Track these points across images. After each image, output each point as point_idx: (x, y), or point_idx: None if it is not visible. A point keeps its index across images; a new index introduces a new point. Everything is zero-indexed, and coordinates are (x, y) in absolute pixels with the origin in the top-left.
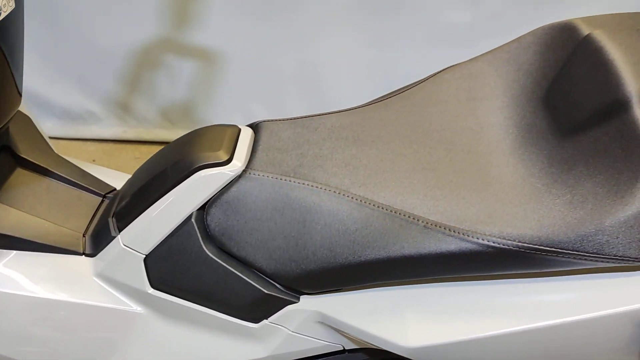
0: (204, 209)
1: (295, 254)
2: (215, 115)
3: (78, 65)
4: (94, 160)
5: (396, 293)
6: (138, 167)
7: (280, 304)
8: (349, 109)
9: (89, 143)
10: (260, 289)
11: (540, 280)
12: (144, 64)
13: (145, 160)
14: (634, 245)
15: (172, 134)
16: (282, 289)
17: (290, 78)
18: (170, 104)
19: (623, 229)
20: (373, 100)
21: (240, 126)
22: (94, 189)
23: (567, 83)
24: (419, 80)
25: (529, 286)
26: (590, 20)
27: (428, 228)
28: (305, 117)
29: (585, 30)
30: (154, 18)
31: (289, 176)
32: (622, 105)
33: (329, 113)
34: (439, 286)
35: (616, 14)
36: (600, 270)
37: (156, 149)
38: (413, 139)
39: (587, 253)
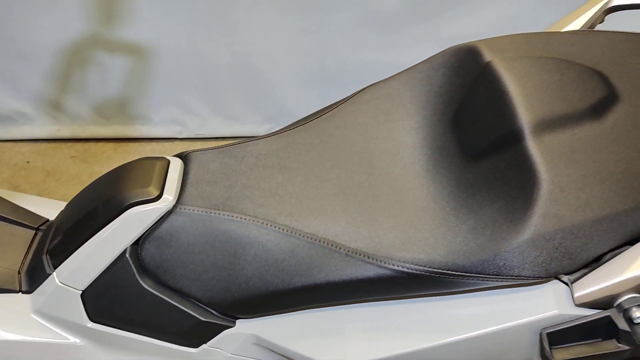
0: (137, 243)
1: (229, 284)
2: (150, 108)
3: (3, 65)
4: (28, 162)
5: (325, 314)
6: (74, 167)
7: (217, 329)
8: (275, 133)
9: (22, 144)
10: (197, 317)
11: (455, 297)
12: (73, 61)
13: (80, 191)
14: (527, 266)
15: (108, 130)
16: (218, 315)
17: (224, 69)
18: (104, 100)
19: (517, 253)
20: (299, 122)
21: (169, 157)
22: (26, 223)
23: (471, 109)
24: (341, 100)
25: (448, 303)
26: (492, 44)
27: (349, 256)
28: (233, 144)
29: (486, 55)
30: (80, 14)
31: (218, 209)
32: (515, 136)
33: (255, 139)
34: (366, 306)
35: (516, 36)
36: (506, 286)
37: (93, 146)
38: (336, 163)
39: (488, 275)
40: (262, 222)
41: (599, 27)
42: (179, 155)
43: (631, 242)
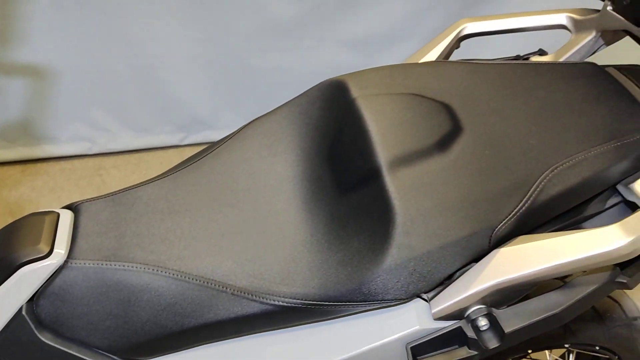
0: (32, 300)
1: (125, 331)
2: (56, 127)
3: None
4: None
5: (218, 348)
6: None
7: None
8: (164, 175)
9: None
10: None
11: (331, 322)
12: None
13: None
14: (389, 291)
15: (14, 153)
16: (119, 359)
17: (129, 82)
18: (6, 123)
19: (379, 281)
20: (187, 160)
21: (58, 210)
22: None
23: (341, 144)
24: (227, 136)
25: (326, 328)
26: (359, 80)
27: (235, 295)
28: (123, 191)
29: (353, 92)
30: None
31: (109, 260)
32: (375, 173)
33: (144, 183)
34: (255, 337)
35: (380, 69)
36: (375, 309)
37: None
38: (223, 202)
39: (357, 302)
40: (153, 269)
41: (455, 53)
42: (69, 207)
43: (476, 260)
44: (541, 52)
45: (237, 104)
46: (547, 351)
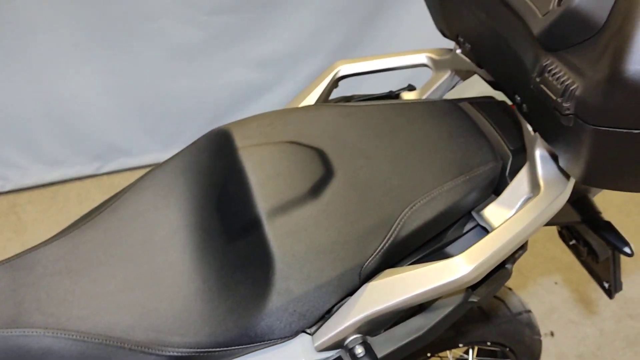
0: None
1: None
2: None
3: None
4: None
5: None
6: None
7: None
8: (62, 234)
9: None
10: None
11: None
12: None
13: None
14: (274, 332)
15: None
16: None
17: (41, 118)
18: None
19: (263, 324)
20: (85, 216)
21: None
22: None
23: (227, 193)
24: (124, 189)
25: None
26: (242, 129)
27: (133, 350)
28: (21, 255)
29: (236, 142)
30: None
31: (10, 327)
32: (255, 223)
33: (43, 245)
34: None
35: (262, 117)
36: (264, 347)
37: None
38: (120, 257)
39: (247, 345)
40: (53, 332)
41: (335, 92)
42: None
43: (350, 294)
44: (410, 88)
45: (152, 128)
46: (447, 352)
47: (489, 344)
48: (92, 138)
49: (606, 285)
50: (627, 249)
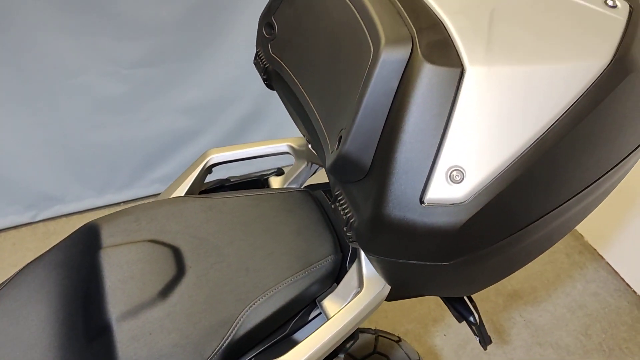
0: None
1: None
2: None
3: None
4: None
5: None
6: None
7: None
8: None
9: None
10: None
11: None
12: None
13: None
14: None
15: None
16: None
17: None
18: None
19: None
20: None
21: None
22: None
23: (90, 293)
24: (2, 282)
25: None
26: (110, 226)
27: None
28: None
29: (103, 240)
30: None
31: None
32: (107, 327)
33: None
34: None
35: (132, 212)
36: None
37: None
38: None
39: None
40: None
41: (209, 177)
42: None
43: None
44: (278, 172)
45: (84, 176)
46: None
47: None
48: (24, 187)
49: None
50: (471, 318)
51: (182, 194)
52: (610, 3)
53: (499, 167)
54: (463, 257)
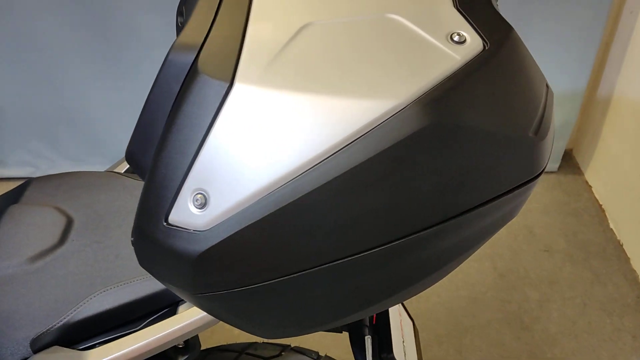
0: None
1: None
2: (3, 154)
3: None
4: None
5: None
6: None
7: None
8: None
9: None
10: None
11: None
12: None
13: None
14: None
15: None
16: None
17: (61, 120)
18: None
19: None
20: None
21: None
22: None
23: None
24: None
25: None
26: (40, 184)
27: None
28: None
29: (25, 196)
30: None
31: None
32: None
33: None
34: None
35: (66, 176)
36: None
37: None
38: None
39: None
40: None
41: None
42: None
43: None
44: None
45: None
46: None
47: None
48: (108, 144)
49: None
50: None
51: (123, 171)
52: (456, 38)
53: (245, 201)
54: (214, 291)
